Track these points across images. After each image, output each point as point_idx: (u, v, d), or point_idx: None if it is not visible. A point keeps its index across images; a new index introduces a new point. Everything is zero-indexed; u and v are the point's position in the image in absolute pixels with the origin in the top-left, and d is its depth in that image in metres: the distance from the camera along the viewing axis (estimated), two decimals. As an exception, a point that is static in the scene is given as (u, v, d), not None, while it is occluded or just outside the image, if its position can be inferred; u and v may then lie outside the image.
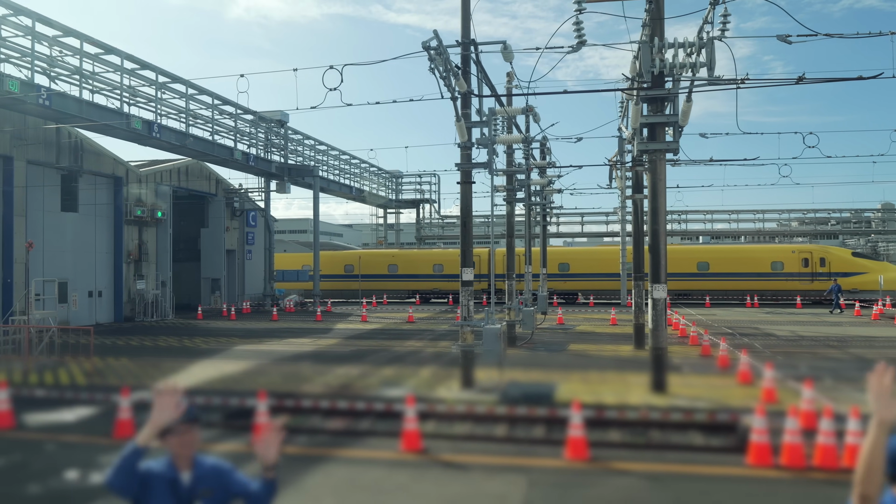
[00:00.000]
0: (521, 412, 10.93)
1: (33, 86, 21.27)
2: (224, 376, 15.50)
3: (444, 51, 11.99)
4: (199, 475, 3.17)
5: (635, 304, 20.44)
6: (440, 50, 11.59)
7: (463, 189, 13.80)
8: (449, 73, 11.60)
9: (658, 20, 13.27)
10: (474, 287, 42.68)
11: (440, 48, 11.81)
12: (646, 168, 20.31)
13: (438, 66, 11.51)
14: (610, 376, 15.20)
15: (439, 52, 11.51)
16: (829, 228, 58.35)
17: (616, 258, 41.85)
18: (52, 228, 26.88)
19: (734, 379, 14.43)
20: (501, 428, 11.21)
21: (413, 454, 8.78)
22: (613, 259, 42.22)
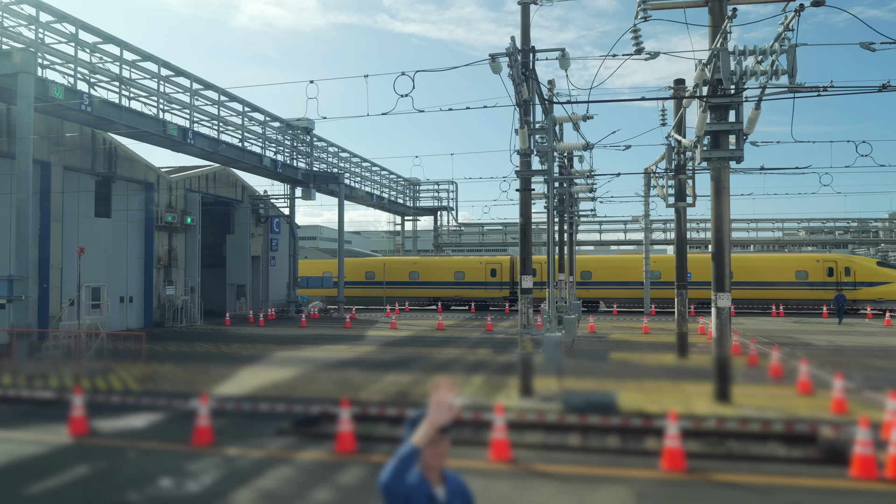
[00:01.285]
0: (596, 421, 10.80)
1: (76, 92, 21.37)
2: (276, 383, 15.44)
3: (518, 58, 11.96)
4: (451, 491, 3.09)
5: (678, 312, 20.33)
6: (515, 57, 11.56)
7: (522, 196, 13.76)
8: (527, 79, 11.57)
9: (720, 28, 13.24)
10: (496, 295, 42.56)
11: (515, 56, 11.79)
12: (687, 177, 20.32)
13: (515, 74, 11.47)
14: (665, 385, 15.08)
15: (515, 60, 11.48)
16: (838, 238, 58.02)
17: (639, 266, 41.68)
18: (87, 234, 26.95)
19: (793, 389, 14.28)
20: (574, 437, 11.13)
21: (504, 464, 8.70)
22: (636, 267, 42.05)
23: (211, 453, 9.32)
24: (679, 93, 20.25)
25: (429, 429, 2.83)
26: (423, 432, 2.83)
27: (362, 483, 8.04)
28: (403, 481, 2.85)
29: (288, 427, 11.25)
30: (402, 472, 2.83)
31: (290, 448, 9.71)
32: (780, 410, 12.19)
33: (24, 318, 17.39)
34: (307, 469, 8.63)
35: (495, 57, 14.44)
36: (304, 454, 9.32)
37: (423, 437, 2.82)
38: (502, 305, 44.41)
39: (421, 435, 2.83)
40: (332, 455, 9.22)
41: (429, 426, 2.83)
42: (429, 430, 2.83)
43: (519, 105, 12.41)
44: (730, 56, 10.58)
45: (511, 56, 11.42)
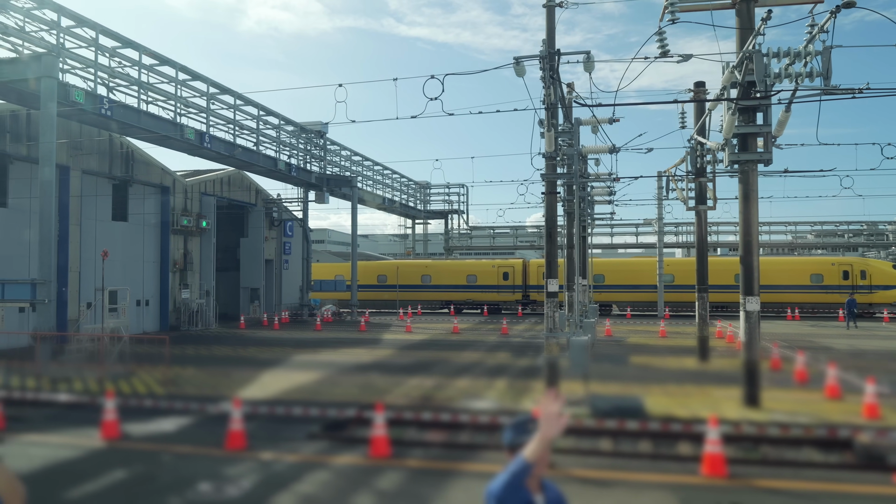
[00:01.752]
0: (633, 426, 10.72)
1: (96, 96, 21.46)
2: (299, 387, 15.43)
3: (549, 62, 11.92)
4: (549, 499, 3.04)
5: (699, 316, 20.21)
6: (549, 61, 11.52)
7: (548, 199, 13.70)
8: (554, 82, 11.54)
9: (749, 30, 13.18)
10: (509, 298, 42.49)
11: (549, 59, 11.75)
12: (708, 180, 20.21)
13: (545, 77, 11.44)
14: (690, 389, 14.98)
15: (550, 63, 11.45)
16: (849, 241, 57.64)
17: (652, 270, 41.51)
18: (104, 237, 27.04)
19: (821, 393, 14.17)
20: (605, 442, 11.05)
21: (541, 468, 8.63)
22: (649, 271, 41.87)
23: (245, 458, 9.30)
24: (699, 95, 20.18)
25: (541, 442, 2.76)
26: (535, 446, 2.76)
27: (402, 489, 8.00)
28: (517, 495, 2.80)
29: (318, 431, 11.22)
30: (515, 487, 2.77)
31: (324, 452, 9.68)
32: (812, 415, 12.08)
33: (47, 321, 17.45)
34: (344, 474, 8.59)
35: (520, 60, 14.43)
36: (338, 459, 9.29)
37: (535, 451, 2.76)
38: (515, 309, 44.31)
39: (533, 449, 2.77)
40: (367, 460, 9.18)
41: (541, 440, 2.76)
42: (541, 444, 2.76)
43: (547, 108, 12.38)
44: (763, 58, 10.51)
45: (543, 59, 11.39)
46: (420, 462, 9.09)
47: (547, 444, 2.78)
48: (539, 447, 2.76)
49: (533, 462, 2.76)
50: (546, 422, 2.77)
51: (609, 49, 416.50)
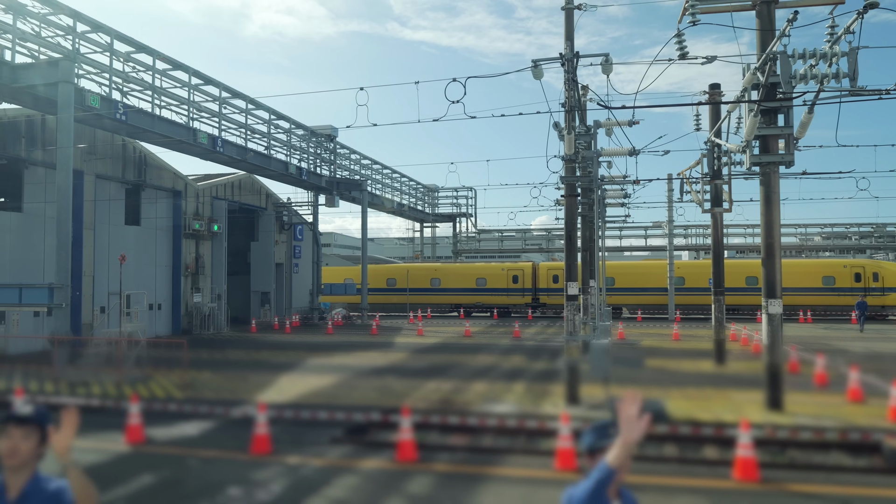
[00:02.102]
0: (663, 430, 10.65)
1: (111, 101, 21.55)
2: (316, 391, 15.41)
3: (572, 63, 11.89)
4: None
5: (715, 319, 20.12)
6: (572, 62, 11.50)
7: (568, 202, 13.66)
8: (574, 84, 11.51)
9: (769, 31, 13.13)
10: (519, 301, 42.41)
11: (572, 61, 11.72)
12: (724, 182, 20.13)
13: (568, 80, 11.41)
14: (710, 393, 14.90)
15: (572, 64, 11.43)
16: (855, 243, 57.29)
17: (662, 272, 41.40)
18: (117, 242, 27.13)
19: (843, 397, 14.06)
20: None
21: (570, 472, 8.58)
22: (660, 273, 41.76)
23: (271, 462, 9.27)
24: (715, 97, 20.11)
25: (624, 448, 2.70)
26: (617, 452, 2.71)
27: (433, 493, 7.96)
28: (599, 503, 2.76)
29: (341, 435, 11.20)
30: (599, 495, 2.73)
31: (349, 457, 9.65)
32: (836, 419, 11.99)
33: (64, 325, 17.49)
34: (372, 478, 8.56)
35: (538, 63, 14.41)
36: (365, 463, 9.25)
37: (618, 456, 2.70)
38: (524, 312, 44.24)
39: (616, 455, 2.71)
40: (394, 464, 9.14)
41: (623, 445, 2.70)
42: (624, 450, 2.71)
43: (568, 110, 12.34)
44: (789, 59, 10.46)
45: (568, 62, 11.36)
46: (448, 466, 9.05)
47: (629, 449, 2.73)
48: (622, 452, 2.71)
49: (617, 468, 2.71)
50: (627, 425, 2.72)
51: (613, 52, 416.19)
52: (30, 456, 2.96)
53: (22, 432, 2.95)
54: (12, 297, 17.72)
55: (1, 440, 2.94)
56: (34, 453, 2.98)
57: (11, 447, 2.92)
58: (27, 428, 2.96)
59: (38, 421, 3.00)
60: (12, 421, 2.96)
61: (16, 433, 2.94)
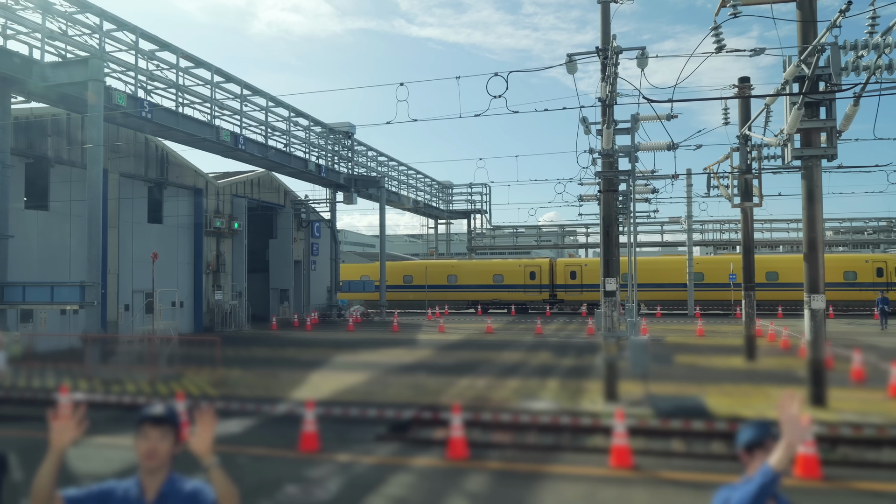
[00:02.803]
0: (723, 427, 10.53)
1: (137, 100, 21.58)
2: (350, 388, 15.38)
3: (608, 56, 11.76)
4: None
5: (745, 314, 19.93)
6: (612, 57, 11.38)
7: (605, 198, 13.55)
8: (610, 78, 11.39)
9: (810, 23, 12.95)
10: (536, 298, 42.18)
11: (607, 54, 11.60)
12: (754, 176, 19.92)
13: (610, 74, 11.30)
14: (747, 389, 14.75)
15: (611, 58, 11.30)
16: (866, 238, 56.67)
17: (681, 268, 41.15)
18: (140, 240, 27.22)
19: (884, 393, 13.90)
20: (677, 443, 10.90)
21: (626, 470, 8.50)
22: (678, 269, 41.52)
23: (322, 460, 9.24)
24: (744, 91, 19.91)
25: (787, 450, 2.61)
26: (780, 454, 2.61)
27: (492, 491, 7.89)
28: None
29: (385, 433, 11.16)
30: (761, 500, 2.63)
31: (399, 454, 9.60)
32: (883, 415, 11.84)
33: (95, 323, 17.54)
34: (426, 476, 8.50)
35: (573, 57, 14.29)
36: (415, 461, 9.20)
37: (781, 459, 2.60)
38: (541, 308, 44.12)
39: (778, 458, 2.61)
40: (445, 461, 9.08)
41: (786, 447, 2.61)
42: (787, 452, 2.61)
43: (607, 104, 12.22)
44: (840, 50, 10.30)
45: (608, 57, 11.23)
46: (501, 464, 8.98)
47: (793, 452, 2.63)
48: (785, 455, 2.60)
49: (781, 472, 2.62)
50: (790, 426, 2.62)
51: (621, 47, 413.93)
52: (167, 456, 2.91)
53: (158, 433, 2.90)
54: (44, 295, 17.79)
55: (138, 441, 2.89)
56: (170, 454, 2.93)
57: (150, 448, 2.87)
58: (163, 428, 2.91)
59: (172, 421, 2.95)
60: (149, 421, 2.91)
61: (152, 434, 2.89)
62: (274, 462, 9.21)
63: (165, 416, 2.92)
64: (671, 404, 13.04)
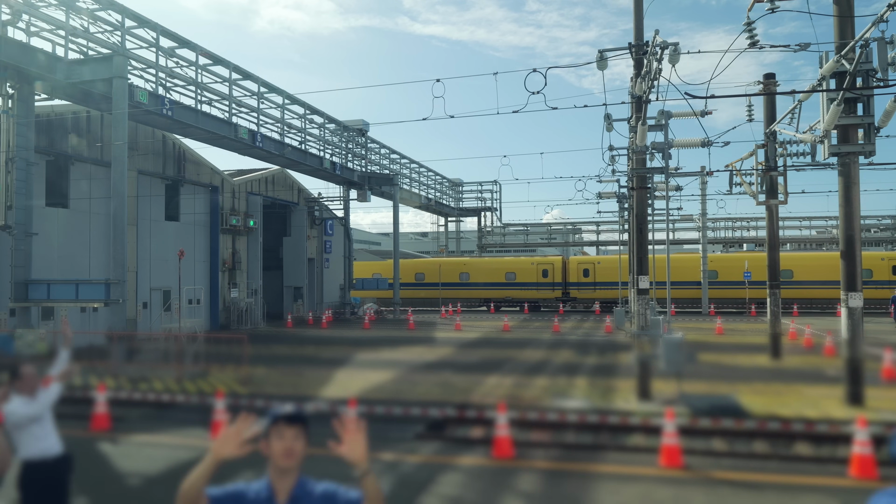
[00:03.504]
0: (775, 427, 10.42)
1: (158, 97, 21.54)
2: (377, 386, 15.33)
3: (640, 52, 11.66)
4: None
5: (770, 312, 19.82)
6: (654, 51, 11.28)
7: (638, 195, 13.45)
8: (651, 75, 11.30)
9: (847, 18, 12.81)
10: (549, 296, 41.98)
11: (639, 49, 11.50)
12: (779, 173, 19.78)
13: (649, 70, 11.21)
14: (779, 388, 14.66)
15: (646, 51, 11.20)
16: (874, 236, 56.29)
17: (695, 266, 41.00)
18: (158, 237, 27.22)
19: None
20: (718, 442, 10.80)
21: (677, 470, 8.42)
22: (693, 267, 41.35)
23: (366, 458, 9.17)
24: (769, 87, 19.76)
25: None
26: None
27: (547, 491, 7.82)
28: None
29: (423, 431, 11.10)
30: None
31: (443, 453, 9.53)
32: (925, 414, 11.72)
33: (121, 320, 17.52)
34: (475, 475, 8.44)
35: (604, 53, 14.19)
36: (461, 459, 9.13)
37: None
38: (553, 306, 44.02)
39: None
40: (491, 461, 9.01)
41: None
42: None
43: (644, 101, 12.12)
44: (887, 45, 10.19)
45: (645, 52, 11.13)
46: (548, 463, 8.91)
47: None
48: None
49: None
50: None
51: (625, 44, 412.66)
52: (302, 457, 2.84)
53: (293, 432, 2.83)
54: (68, 293, 17.77)
55: (272, 441, 2.82)
56: (304, 454, 2.86)
57: (287, 447, 2.80)
58: (297, 427, 2.84)
59: (305, 420, 2.88)
60: (283, 420, 2.84)
61: (287, 433, 2.82)
62: (320, 461, 9.11)
63: (300, 416, 2.86)
64: (706, 403, 12.95)
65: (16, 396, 5.49)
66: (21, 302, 17.93)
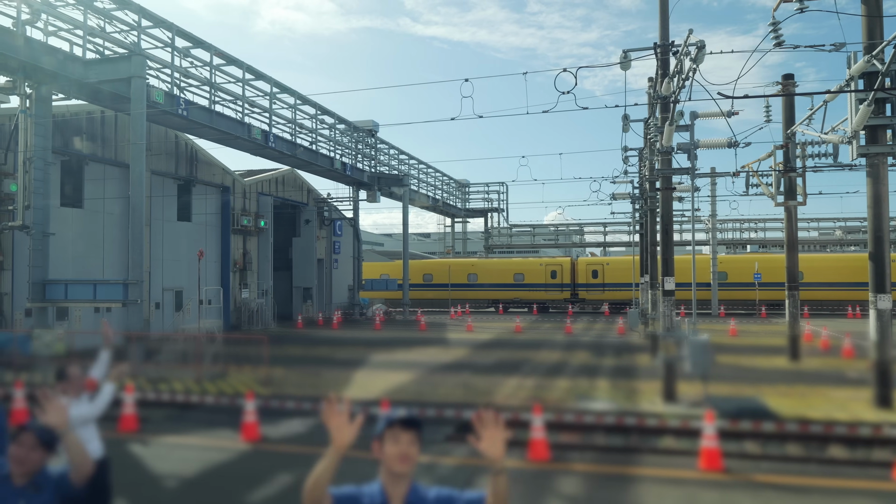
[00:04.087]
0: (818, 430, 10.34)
1: (173, 97, 21.50)
2: (399, 387, 15.26)
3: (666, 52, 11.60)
4: None
5: (790, 314, 19.72)
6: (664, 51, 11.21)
7: (664, 195, 13.39)
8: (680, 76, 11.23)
9: (876, 17, 12.74)
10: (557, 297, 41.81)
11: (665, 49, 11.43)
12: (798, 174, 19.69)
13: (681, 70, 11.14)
14: (802, 390, 14.57)
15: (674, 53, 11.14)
16: None
17: (705, 267, 40.89)
18: (170, 238, 27.17)
19: (946, 394, 13.66)
20: (750, 444, 10.73)
21: (718, 473, 8.34)
22: (701, 268, 41.22)
23: (400, 460, 9.10)
24: (788, 88, 19.68)
25: None
26: None
27: (589, 493, 7.75)
28: None
29: (453, 433, 11.02)
30: None
31: (476, 455, 9.44)
32: (956, 417, 11.63)
33: (138, 321, 17.46)
34: (514, 477, 8.35)
35: (627, 53, 14.11)
36: (495, 462, 9.05)
37: None
38: (562, 307, 43.93)
39: None
40: (527, 463, 8.95)
41: None
42: None
43: (673, 102, 12.05)
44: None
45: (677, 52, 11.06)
46: (585, 466, 8.84)
47: None
48: None
49: None
50: None
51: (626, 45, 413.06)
52: (416, 462, 2.78)
53: (409, 437, 2.76)
54: (86, 293, 17.73)
55: (386, 446, 2.75)
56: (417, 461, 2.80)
57: (402, 453, 2.73)
58: (413, 433, 2.77)
59: (421, 426, 2.82)
60: (399, 425, 2.77)
61: (403, 437, 2.76)
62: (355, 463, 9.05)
63: (416, 420, 2.79)
64: (733, 405, 12.86)
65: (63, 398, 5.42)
66: (38, 302, 17.88)
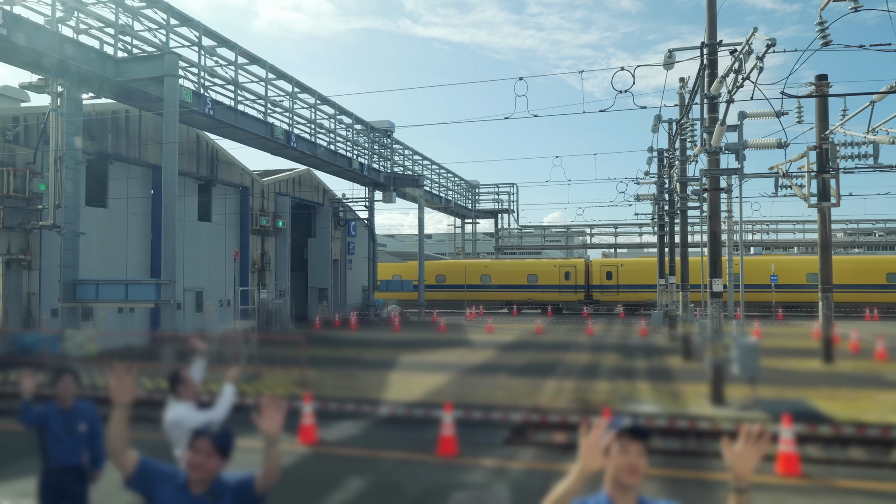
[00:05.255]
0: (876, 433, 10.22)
1: (200, 96, 21.37)
2: (439, 389, 15.13)
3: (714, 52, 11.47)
4: None
5: (823, 316, 19.59)
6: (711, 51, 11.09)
7: (711, 196, 13.26)
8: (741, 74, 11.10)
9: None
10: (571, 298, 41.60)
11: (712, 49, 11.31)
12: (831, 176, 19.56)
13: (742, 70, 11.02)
14: (847, 393, 14.44)
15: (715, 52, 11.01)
16: (877, 240, 55.93)
17: (721, 269, 40.70)
18: (191, 238, 27.05)
19: None
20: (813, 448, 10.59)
21: (796, 478, 8.20)
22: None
23: (465, 464, 8.98)
24: (822, 89, 19.56)
25: None
26: None
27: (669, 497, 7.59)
28: None
29: (511, 436, 10.89)
30: None
31: (543, 459, 9.34)
32: None
33: (170, 321, 17.32)
34: (587, 482, 8.21)
35: (672, 52, 13.98)
36: (562, 466, 8.91)
37: None
38: (576, 309, 43.78)
39: None
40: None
41: None
42: None
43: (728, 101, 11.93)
44: None
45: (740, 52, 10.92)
46: (654, 470, 8.68)
47: None
48: None
49: None
50: None
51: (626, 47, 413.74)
52: (645, 474, 2.64)
53: (639, 448, 2.63)
54: (118, 293, 17.59)
55: (614, 455, 2.62)
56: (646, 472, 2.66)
57: (631, 464, 2.60)
58: (642, 443, 2.64)
59: (649, 436, 2.68)
60: (629, 435, 2.64)
61: (633, 448, 2.62)
62: (420, 466, 8.95)
63: (645, 431, 2.66)
64: (782, 408, 12.71)
65: (178, 403, 5.28)
66: (69, 302, 17.74)
